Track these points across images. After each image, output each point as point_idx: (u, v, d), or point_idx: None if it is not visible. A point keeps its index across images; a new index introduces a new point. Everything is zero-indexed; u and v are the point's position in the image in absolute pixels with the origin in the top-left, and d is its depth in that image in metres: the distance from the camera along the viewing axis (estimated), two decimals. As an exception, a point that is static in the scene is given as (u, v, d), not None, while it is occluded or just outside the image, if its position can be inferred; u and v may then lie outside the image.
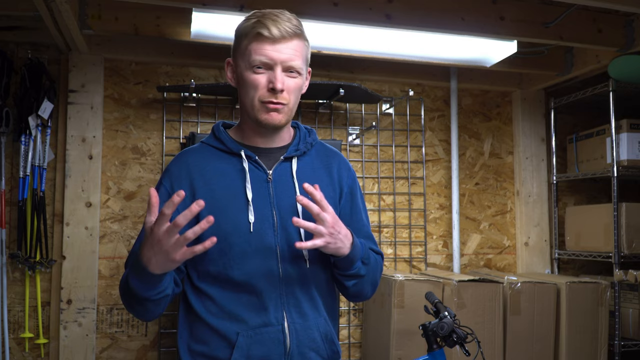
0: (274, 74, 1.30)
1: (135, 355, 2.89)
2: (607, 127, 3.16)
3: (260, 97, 1.31)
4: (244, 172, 1.36)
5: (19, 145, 2.72)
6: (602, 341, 2.87)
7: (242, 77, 1.34)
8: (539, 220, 3.49)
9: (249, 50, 1.31)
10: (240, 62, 1.35)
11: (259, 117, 1.33)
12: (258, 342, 1.30)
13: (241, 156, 1.37)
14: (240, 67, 1.35)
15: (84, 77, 2.86)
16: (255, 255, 1.31)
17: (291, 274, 1.34)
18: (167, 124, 3.02)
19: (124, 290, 1.29)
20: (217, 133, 1.42)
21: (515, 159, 3.56)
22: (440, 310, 1.89)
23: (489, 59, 2.96)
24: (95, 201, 2.85)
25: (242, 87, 1.35)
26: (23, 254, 2.70)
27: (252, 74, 1.31)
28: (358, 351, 3.17)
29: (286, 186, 1.38)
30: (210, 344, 1.32)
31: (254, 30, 1.30)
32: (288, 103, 1.33)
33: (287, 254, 1.34)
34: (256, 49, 1.30)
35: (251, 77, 1.31)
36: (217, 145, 1.40)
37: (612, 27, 2.78)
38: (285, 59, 1.30)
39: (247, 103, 1.34)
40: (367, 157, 3.30)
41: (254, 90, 1.31)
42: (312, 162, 1.44)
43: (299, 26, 1.33)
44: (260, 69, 1.31)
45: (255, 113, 1.33)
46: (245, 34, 1.33)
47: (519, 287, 2.82)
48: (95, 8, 2.57)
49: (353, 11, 2.45)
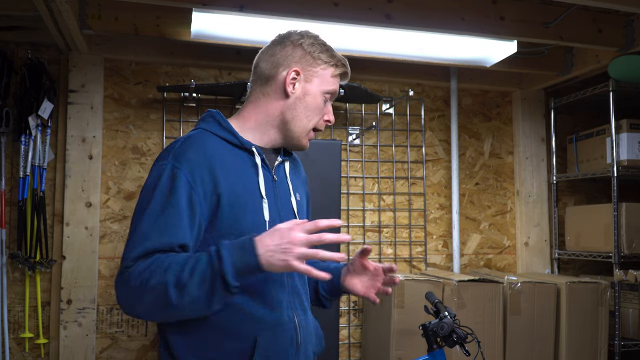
0: (328, 107, 1.42)
1: (135, 355, 2.89)
2: (607, 127, 3.16)
3: (317, 125, 1.40)
4: (256, 168, 1.34)
5: (19, 145, 2.72)
6: (602, 341, 2.87)
7: (310, 95, 1.38)
8: (539, 220, 3.49)
9: (332, 81, 1.40)
10: (316, 81, 1.38)
11: (302, 142, 1.41)
12: (276, 341, 1.28)
13: (252, 152, 1.35)
14: (314, 84, 1.38)
15: (84, 77, 2.86)
16: None
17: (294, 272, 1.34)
18: (167, 124, 3.02)
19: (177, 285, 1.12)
20: (223, 122, 1.36)
21: (515, 159, 3.56)
22: (440, 310, 1.89)
23: (489, 59, 2.96)
24: (95, 201, 2.85)
25: (306, 105, 1.38)
26: (23, 254, 2.70)
27: (322, 99, 1.39)
28: (358, 351, 3.17)
29: (284, 187, 1.41)
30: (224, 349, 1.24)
31: (340, 66, 1.41)
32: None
33: None
34: (335, 82, 1.41)
35: (321, 102, 1.40)
36: (227, 136, 1.34)
37: (612, 27, 2.78)
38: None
39: (301, 123, 1.38)
40: (367, 157, 3.30)
41: (317, 116, 1.40)
42: (292, 167, 1.49)
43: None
44: (326, 99, 1.41)
45: (300, 136, 1.39)
46: (330, 62, 1.39)
47: (519, 287, 2.82)
48: (95, 8, 2.57)
49: (353, 11, 2.45)
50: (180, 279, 1.11)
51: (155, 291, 1.12)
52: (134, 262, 1.16)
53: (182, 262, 1.13)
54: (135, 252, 1.17)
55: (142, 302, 1.16)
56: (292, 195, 1.41)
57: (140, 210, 1.21)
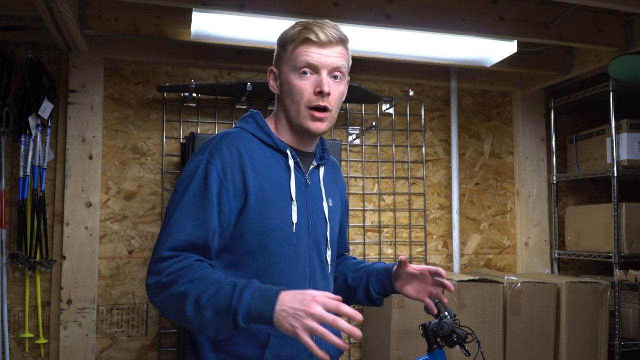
0: (320, 77, 1.31)
1: (135, 355, 2.89)
2: (607, 127, 3.16)
3: (307, 103, 1.32)
4: (289, 170, 1.35)
5: (19, 145, 2.72)
6: (602, 341, 2.87)
7: (287, 82, 1.34)
8: (539, 220, 3.49)
9: (296, 54, 1.32)
10: (285, 68, 1.35)
11: (305, 125, 1.33)
12: (288, 342, 1.29)
13: (287, 154, 1.36)
14: (284, 72, 1.35)
15: (84, 77, 2.86)
16: (292, 256, 1.32)
17: (316, 275, 1.37)
18: (167, 124, 3.02)
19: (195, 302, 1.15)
20: (262, 124, 1.38)
21: (515, 159, 3.56)
22: (440, 310, 1.89)
23: (489, 59, 2.96)
24: (95, 201, 2.85)
25: (287, 93, 1.35)
26: (23, 254, 2.70)
27: (298, 78, 1.32)
28: (358, 351, 3.17)
29: (316, 192, 1.41)
30: (238, 343, 1.28)
31: (301, 36, 1.32)
32: (332, 110, 1.34)
33: (315, 256, 1.37)
34: (303, 52, 1.31)
35: (297, 82, 1.32)
36: (263, 137, 1.35)
37: (612, 27, 2.78)
38: (331, 62, 1.32)
39: (292, 110, 1.34)
40: (367, 157, 3.30)
41: (300, 95, 1.32)
42: (329, 172, 1.48)
43: (343, 33, 1.37)
44: (306, 74, 1.32)
45: (300, 120, 1.33)
46: (291, 40, 1.34)
47: (519, 287, 2.82)
48: (95, 8, 2.57)
49: (353, 11, 2.45)
50: (201, 299, 1.14)
51: (177, 296, 1.16)
52: (170, 252, 1.20)
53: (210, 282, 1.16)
54: (170, 241, 1.21)
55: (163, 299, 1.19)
56: (325, 200, 1.42)
57: (175, 202, 1.26)
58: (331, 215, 1.44)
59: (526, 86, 3.51)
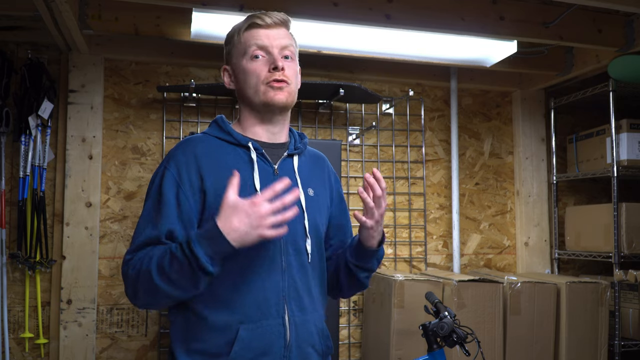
0: (272, 56, 1.36)
1: (135, 355, 2.89)
2: (607, 127, 3.16)
3: (264, 80, 1.35)
4: (252, 163, 1.37)
5: (19, 145, 2.72)
6: (602, 341, 2.87)
7: (240, 70, 1.39)
8: (539, 220, 3.49)
9: (245, 40, 1.38)
10: (237, 59, 1.40)
11: (265, 99, 1.36)
12: (259, 335, 1.29)
13: (249, 148, 1.38)
14: (237, 64, 1.40)
15: (84, 77, 2.86)
16: (260, 247, 1.30)
17: (293, 267, 1.35)
18: (167, 124, 3.02)
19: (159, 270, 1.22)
20: (223, 125, 1.42)
21: (515, 159, 3.56)
22: (440, 310, 1.89)
23: (489, 59, 2.96)
24: (95, 201, 2.85)
25: (243, 80, 1.39)
26: (23, 254, 2.70)
27: (250, 62, 1.37)
28: (358, 351, 3.17)
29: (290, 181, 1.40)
30: (208, 340, 1.29)
31: (245, 24, 1.39)
32: (290, 83, 1.38)
33: (290, 248, 1.35)
34: (252, 36, 1.38)
35: (251, 65, 1.37)
36: (223, 136, 1.40)
37: (612, 27, 2.78)
38: (279, 42, 1.38)
39: (250, 92, 1.37)
40: (367, 157, 3.30)
41: (256, 76, 1.36)
42: (307, 162, 1.49)
43: (286, 15, 1.44)
44: (258, 58, 1.36)
45: (260, 96, 1.36)
46: (238, 31, 1.41)
47: (519, 287, 2.82)
48: (95, 8, 2.57)
49: (353, 11, 2.45)
50: (162, 265, 1.21)
51: (144, 277, 1.24)
52: (131, 255, 1.29)
53: (165, 250, 1.24)
54: (133, 245, 1.31)
55: (138, 290, 1.26)
56: (300, 189, 1.40)
57: (142, 212, 1.35)
58: (311, 205, 1.42)
59: (526, 86, 3.51)
